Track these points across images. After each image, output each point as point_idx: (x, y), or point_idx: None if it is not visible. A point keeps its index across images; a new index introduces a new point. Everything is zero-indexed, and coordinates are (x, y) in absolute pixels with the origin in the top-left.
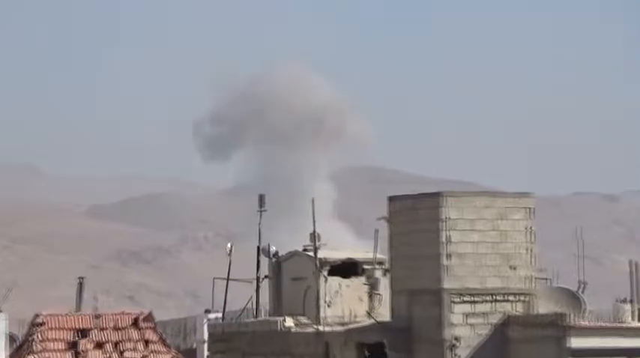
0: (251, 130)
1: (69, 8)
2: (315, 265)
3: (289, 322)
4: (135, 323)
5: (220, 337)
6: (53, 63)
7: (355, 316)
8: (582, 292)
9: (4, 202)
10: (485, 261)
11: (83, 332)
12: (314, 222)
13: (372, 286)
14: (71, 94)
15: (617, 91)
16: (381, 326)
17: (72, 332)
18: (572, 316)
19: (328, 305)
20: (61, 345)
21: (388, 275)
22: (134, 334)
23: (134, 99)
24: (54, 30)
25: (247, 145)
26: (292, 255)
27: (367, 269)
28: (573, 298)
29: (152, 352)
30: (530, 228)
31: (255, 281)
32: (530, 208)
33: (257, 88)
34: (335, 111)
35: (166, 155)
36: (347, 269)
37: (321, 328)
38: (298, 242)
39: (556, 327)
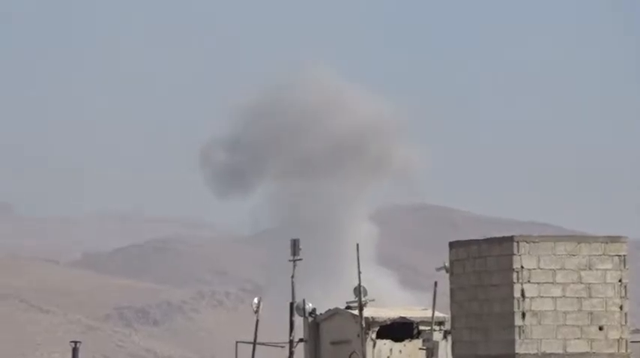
0: (274, 158)
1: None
2: (361, 326)
3: None
4: None
5: None
6: (33, 89)
7: None
8: None
9: None
10: (568, 320)
11: None
12: (359, 273)
13: (430, 351)
14: (53, 117)
15: None
16: None
17: None
18: None
19: None
20: None
21: (449, 337)
22: None
23: (129, 120)
24: (49, 60)
25: (270, 177)
26: (333, 313)
27: (424, 330)
28: None
29: None
30: (622, 280)
31: (287, 346)
32: (621, 256)
33: (280, 105)
34: (379, 135)
35: (169, 190)
36: (399, 330)
37: None
38: (333, 295)
39: None
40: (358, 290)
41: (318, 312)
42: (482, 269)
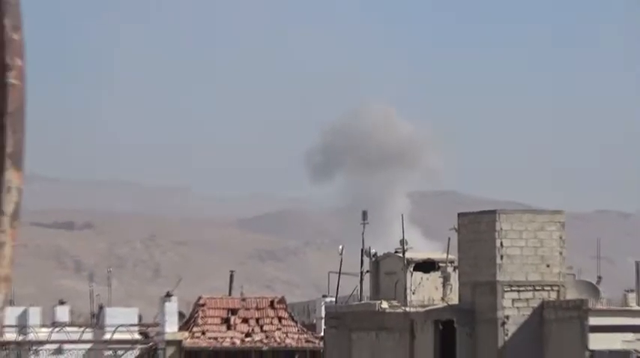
0: (349, 159)
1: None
2: (404, 263)
3: (384, 305)
4: (271, 304)
5: (334, 315)
6: (188, 88)
7: (433, 301)
8: (599, 284)
9: (169, 214)
10: (528, 260)
11: (233, 311)
12: (403, 231)
13: (446, 279)
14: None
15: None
16: (451, 308)
17: (225, 311)
18: (591, 302)
19: (413, 293)
20: (217, 320)
21: (457, 270)
22: (271, 313)
23: (255, 129)
24: (178, 60)
25: (347, 171)
26: (386, 255)
27: (442, 266)
28: (593, 289)
29: (284, 326)
30: (561, 237)
31: (359, 275)
32: (561, 222)
33: (352, 125)
34: (414, 145)
35: (288, 178)
36: (427, 266)
37: (407, 309)
38: (382, 245)
39: (580, 310)
40: (402, 242)
41: (377, 255)
42: (477, 229)
